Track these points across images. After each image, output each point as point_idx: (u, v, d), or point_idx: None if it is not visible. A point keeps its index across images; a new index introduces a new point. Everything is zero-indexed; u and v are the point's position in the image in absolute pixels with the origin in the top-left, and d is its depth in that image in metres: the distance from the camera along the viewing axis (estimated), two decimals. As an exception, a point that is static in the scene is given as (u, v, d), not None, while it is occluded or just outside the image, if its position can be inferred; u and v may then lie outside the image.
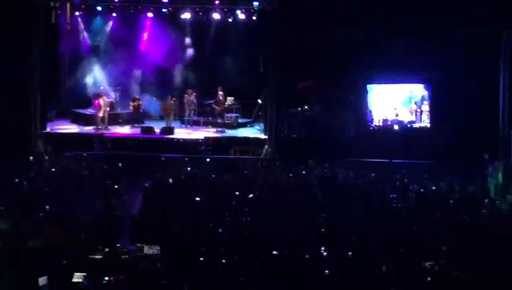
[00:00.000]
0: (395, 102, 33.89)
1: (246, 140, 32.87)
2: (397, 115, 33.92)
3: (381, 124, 33.86)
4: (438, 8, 32.16)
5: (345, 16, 32.40)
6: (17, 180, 24.56)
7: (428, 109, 33.79)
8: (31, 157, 30.03)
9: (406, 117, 33.89)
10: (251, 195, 23.24)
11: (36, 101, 31.56)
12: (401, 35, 32.22)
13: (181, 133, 33.32)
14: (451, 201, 23.79)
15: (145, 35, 35.19)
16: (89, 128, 33.34)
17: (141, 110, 34.33)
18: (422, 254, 18.13)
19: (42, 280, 15.84)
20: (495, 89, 31.32)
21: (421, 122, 33.87)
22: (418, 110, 33.84)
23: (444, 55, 32.22)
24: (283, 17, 31.57)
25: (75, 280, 16.15)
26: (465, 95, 31.89)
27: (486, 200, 24.30)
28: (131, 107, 34.12)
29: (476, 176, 27.99)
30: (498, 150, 30.79)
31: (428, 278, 16.60)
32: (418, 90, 33.91)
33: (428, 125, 33.76)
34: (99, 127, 33.07)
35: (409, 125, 33.89)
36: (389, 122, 33.86)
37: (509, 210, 23.13)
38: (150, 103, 34.97)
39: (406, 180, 26.41)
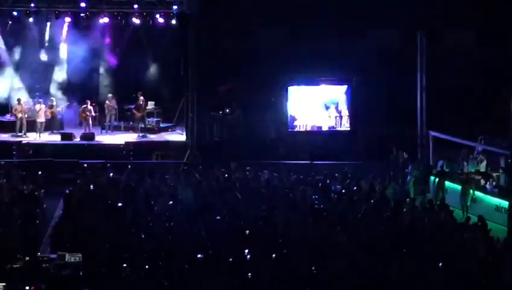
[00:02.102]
0: (315, 107, 34.06)
1: (168, 144, 32.70)
2: (317, 122, 34.09)
3: (301, 129, 34.02)
4: (354, 9, 32.54)
5: (264, 19, 32.54)
6: None
7: (347, 113, 34.10)
8: None
9: (326, 122, 34.11)
10: (171, 202, 23.11)
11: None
12: (319, 38, 32.50)
13: (102, 138, 32.94)
14: (372, 200, 24.11)
15: (63, 41, 34.63)
16: (6, 136, 32.69)
17: (59, 117, 33.75)
18: (344, 253, 18.38)
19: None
20: (412, 90, 31.85)
21: (341, 126, 34.12)
22: (338, 115, 34.11)
23: (361, 57, 32.63)
24: (202, 21, 31.53)
25: (-6, 290, 15.88)
26: (383, 96, 32.34)
27: (408, 199, 24.72)
28: (48, 114, 33.50)
29: (395, 176, 28.45)
30: (417, 150, 31.35)
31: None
32: (338, 94, 34.17)
33: (348, 127, 34.09)
34: (18, 134, 32.47)
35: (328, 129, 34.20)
36: (309, 129, 34.03)
37: (428, 208, 23.54)
38: (68, 109, 34.46)
39: (327, 181, 26.64)
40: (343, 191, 25.57)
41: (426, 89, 31.64)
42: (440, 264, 17.87)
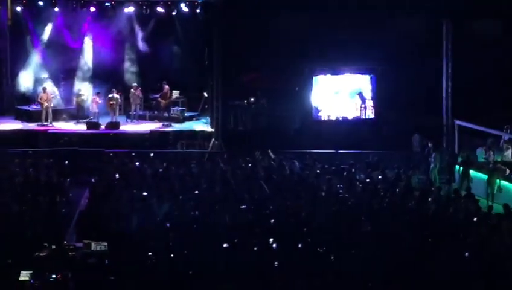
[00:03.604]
0: (340, 96, 33.98)
1: (193, 133, 32.74)
2: (341, 111, 33.99)
3: (326, 119, 34.00)
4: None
5: (289, 7, 32.42)
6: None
7: (372, 103, 34.00)
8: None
9: (351, 111, 34.04)
10: (196, 191, 23.14)
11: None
12: (345, 26, 32.35)
13: (127, 128, 33.08)
14: (397, 189, 24.03)
15: (88, 30, 34.78)
16: (33, 125, 32.90)
17: (85, 106, 33.89)
18: (370, 243, 18.34)
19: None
20: (438, 78, 31.71)
21: (365, 116, 34.05)
22: (362, 104, 34.04)
23: (386, 46, 32.46)
24: (227, 9, 31.48)
25: (21, 278, 15.99)
26: (409, 84, 32.21)
27: (433, 188, 24.62)
28: (74, 103, 33.77)
29: (421, 165, 28.33)
30: (442, 139, 31.23)
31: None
32: (362, 83, 34.07)
33: (373, 116, 34.00)
34: (44, 123, 32.68)
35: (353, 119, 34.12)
36: (333, 118, 33.99)
37: (454, 197, 23.43)
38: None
39: (352, 170, 26.57)
40: (368, 180, 25.51)
41: (452, 77, 31.51)
42: (466, 254, 17.81)
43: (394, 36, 32.72)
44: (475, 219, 20.84)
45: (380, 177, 25.75)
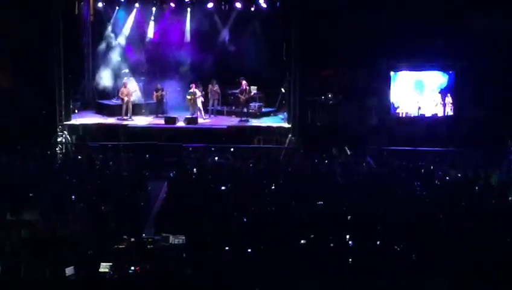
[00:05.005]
0: (418, 93, 33.65)
1: (270, 129, 32.82)
2: (419, 108, 33.66)
3: (404, 115, 33.73)
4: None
5: (369, 2, 32.22)
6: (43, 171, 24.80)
7: (451, 101, 33.58)
8: (57, 149, 30.28)
9: (430, 109, 33.67)
10: (273, 187, 23.20)
11: (60, 92, 31.71)
12: (424, 23, 32.01)
13: (205, 122, 33.37)
14: (476, 188, 23.71)
15: (168, 26, 35.23)
16: (113, 119, 33.42)
17: (164, 101, 34.24)
18: (447, 242, 18.15)
19: (69, 270, 16.03)
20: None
21: (444, 113, 33.64)
22: (442, 102, 33.63)
23: (467, 43, 32.01)
24: (305, 4, 31.45)
25: (101, 269, 16.32)
26: (489, 81, 31.73)
27: (512, 187, 24.25)
28: (154, 98, 34.16)
29: (501, 163, 27.88)
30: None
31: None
32: (442, 80, 33.68)
33: (452, 113, 33.58)
34: (124, 117, 33.17)
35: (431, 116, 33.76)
36: (412, 116, 33.69)
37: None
38: (173, 93, 34.95)
39: (431, 168, 26.31)
40: (447, 178, 25.22)
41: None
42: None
43: (475, 33, 32.22)
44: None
45: (459, 175, 25.43)
